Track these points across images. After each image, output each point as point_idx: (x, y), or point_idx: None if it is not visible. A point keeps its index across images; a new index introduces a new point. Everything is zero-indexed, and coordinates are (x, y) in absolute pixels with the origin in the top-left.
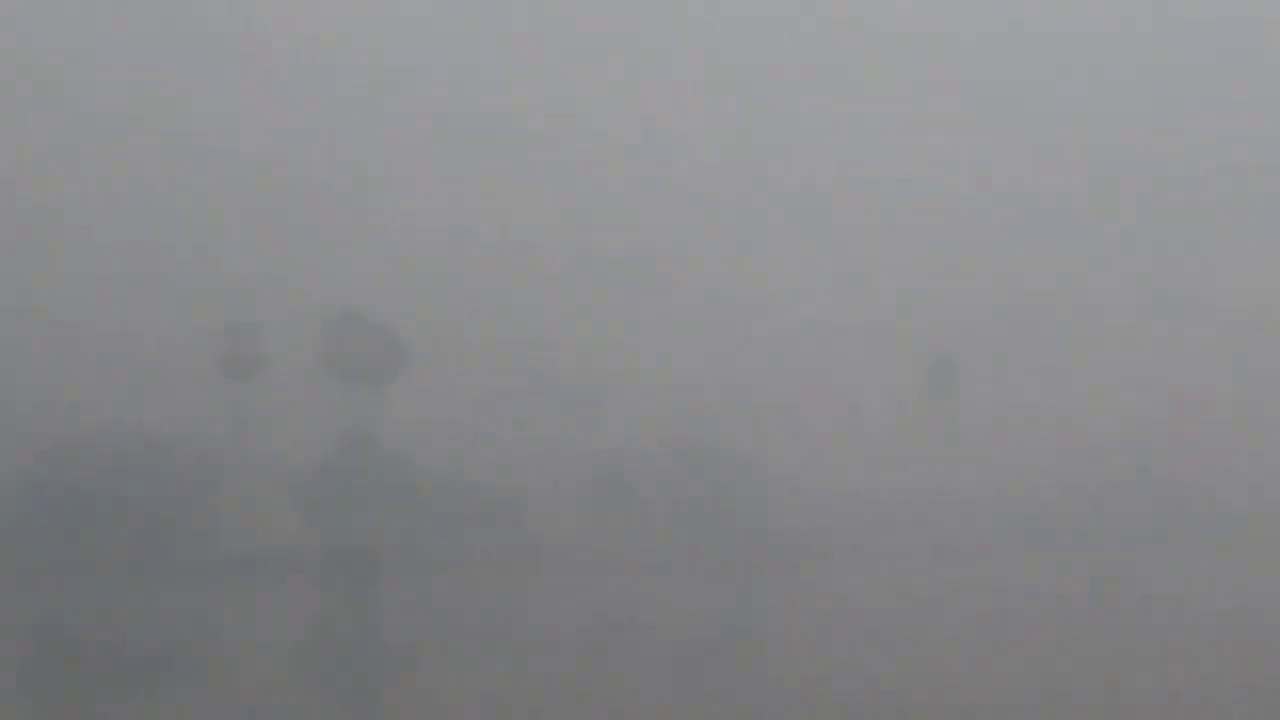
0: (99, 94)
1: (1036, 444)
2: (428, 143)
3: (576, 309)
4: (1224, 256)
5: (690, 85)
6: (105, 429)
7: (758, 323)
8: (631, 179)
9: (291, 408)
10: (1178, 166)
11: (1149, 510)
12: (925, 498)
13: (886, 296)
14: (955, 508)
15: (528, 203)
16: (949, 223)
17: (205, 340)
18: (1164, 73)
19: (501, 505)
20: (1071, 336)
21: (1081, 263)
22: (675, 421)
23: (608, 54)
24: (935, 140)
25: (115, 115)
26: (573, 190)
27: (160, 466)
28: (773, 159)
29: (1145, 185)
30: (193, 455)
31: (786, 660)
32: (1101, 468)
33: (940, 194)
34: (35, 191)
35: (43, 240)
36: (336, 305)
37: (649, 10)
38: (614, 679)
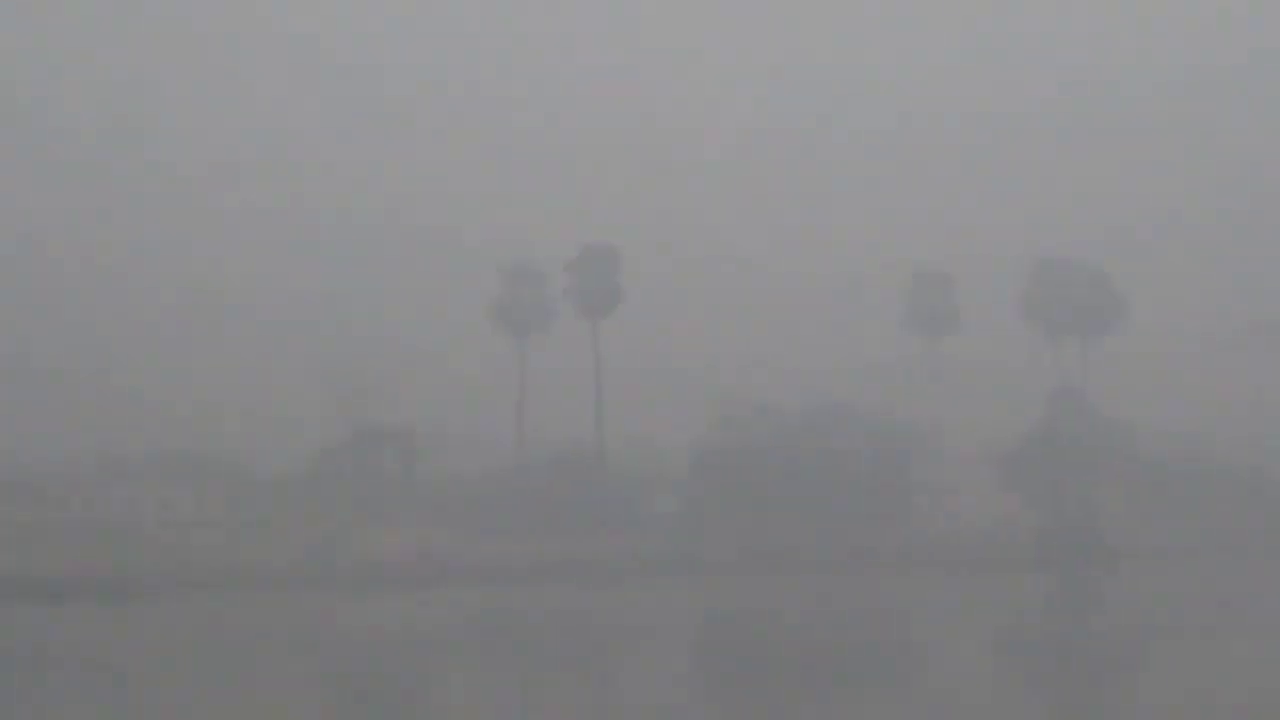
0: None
1: None
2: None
3: None
4: None
5: None
6: (788, 395)
7: None
8: None
9: (991, 367)
10: None
11: None
12: None
13: None
14: None
15: None
16: None
17: (891, 294)
18: None
19: (1249, 480)
20: None
21: None
22: None
23: None
24: None
25: None
26: None
27: (846, 436)
28: None
29: None
30: (880, 423)
31: None
32: None
33: None
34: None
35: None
36: (1037, 252)
37: None
38: None
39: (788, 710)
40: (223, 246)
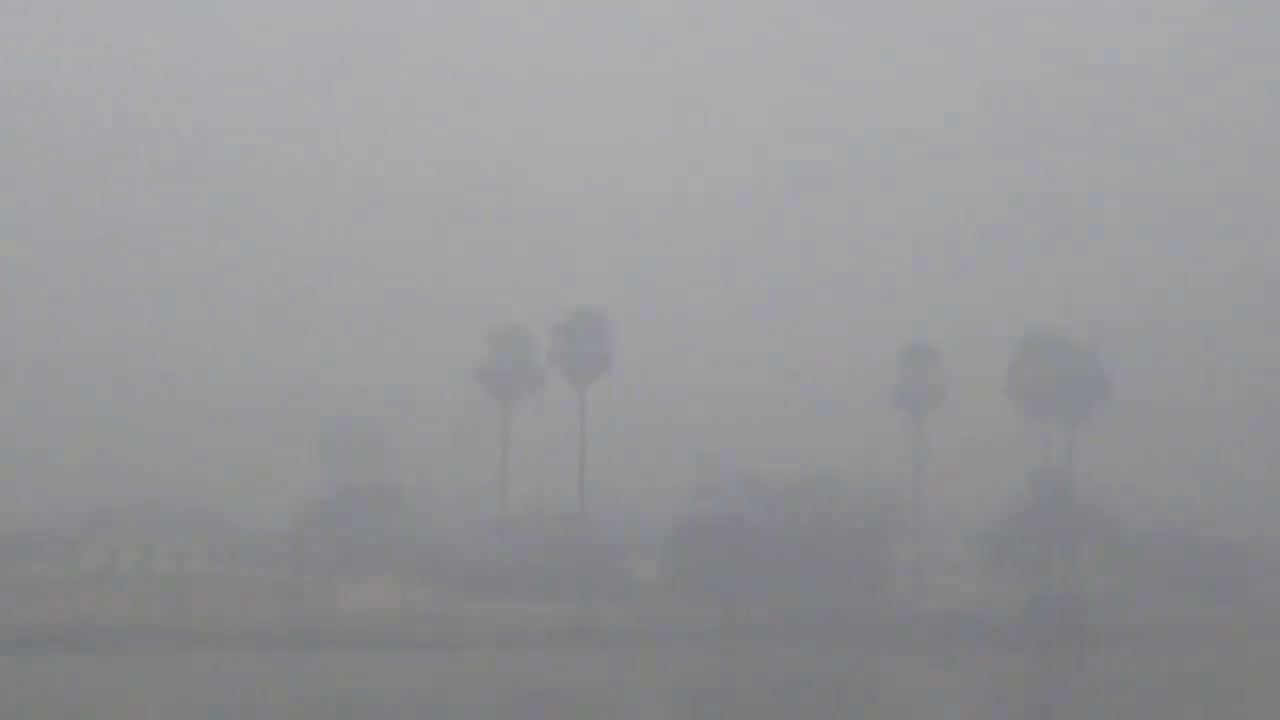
0: None
1: None
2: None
3: None
4: None
5: None
6: (773, 465)
7: None
8: None
9: (976, 444)
10: None
11: None
12: None
13: None
14: None
15: None
16: None
17: (879, 369)
18: None
19: (1221, 564)
20: None
21: None
22: None
23: None
24: None
25: None
26: None
27: (831, 509)
28: None
29: None
30: (865, 497)
31: None
32: None
33: None
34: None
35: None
36: (1027, 328)
37: None
38: None
39: None
40: (209, 307)
